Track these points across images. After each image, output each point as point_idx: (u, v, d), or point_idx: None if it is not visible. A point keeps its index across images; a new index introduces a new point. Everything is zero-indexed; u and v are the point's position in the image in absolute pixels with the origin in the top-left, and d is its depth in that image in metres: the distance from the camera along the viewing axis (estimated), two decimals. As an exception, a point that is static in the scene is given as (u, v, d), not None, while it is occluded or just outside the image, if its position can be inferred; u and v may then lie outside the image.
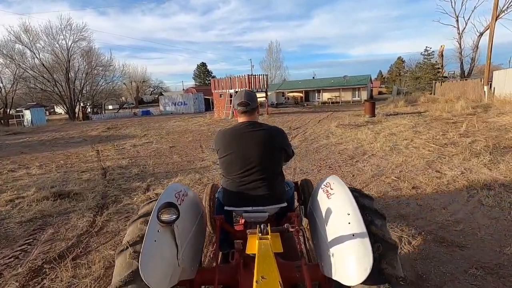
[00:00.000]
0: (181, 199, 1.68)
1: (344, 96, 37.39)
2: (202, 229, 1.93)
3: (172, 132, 12.83)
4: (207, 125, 14.90)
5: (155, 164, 7.04)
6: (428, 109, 15.41)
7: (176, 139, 10.77)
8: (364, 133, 9.35)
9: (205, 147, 8.75)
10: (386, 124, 11.20)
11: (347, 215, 1.44)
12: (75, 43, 29.57)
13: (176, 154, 8.07)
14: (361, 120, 13.00)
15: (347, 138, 8.65)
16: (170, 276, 1.35)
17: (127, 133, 13.57)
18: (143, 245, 1.31)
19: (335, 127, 11.14)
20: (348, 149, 7.29)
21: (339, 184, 1.69)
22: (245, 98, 1.92)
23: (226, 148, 1.89)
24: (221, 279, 1.65)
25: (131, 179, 5.82)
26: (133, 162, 7.31)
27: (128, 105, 58.04)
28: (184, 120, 18.82)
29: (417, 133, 8.76)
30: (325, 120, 14.21)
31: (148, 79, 67.45)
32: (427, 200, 3.89)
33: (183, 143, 9.68)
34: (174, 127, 14.91)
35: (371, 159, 6.20)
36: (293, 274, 1.63)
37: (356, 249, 1.31)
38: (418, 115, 13.32)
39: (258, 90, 18.65)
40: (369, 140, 8.14)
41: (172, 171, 6.31)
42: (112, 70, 34.14)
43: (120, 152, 8.86)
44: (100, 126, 18.34)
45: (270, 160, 1.88)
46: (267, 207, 1.88)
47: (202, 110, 30.98)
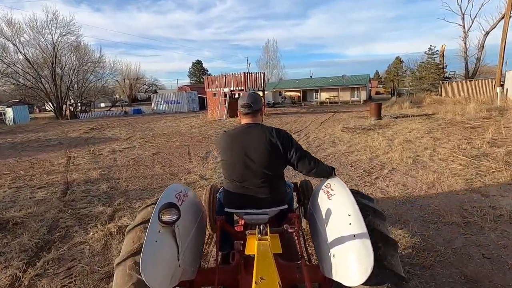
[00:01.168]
0: (182, 199, 1.66)
1: (343, 96, 36.45)
2: (202, 230, 1.91)
3: (159, 135, 11.60)
4: (198, 127, 13.68)
5: (131, 177, 5.85)
6: (436, 111, 14.39)
7: (162, 143, 9.56)
8: (374, 139, 8.25)
9: (193, 155, 7.57)
10: (397, 128, 10.12)
11: (348, 216, 1.42)
12: (62, 37, 28.05)
13: (159, 163, 6.88)
14: (367, 123, 11.92)
15: (357, 146, 7.53)
16: (171, 276, 1.34)
17: (110, 135, 12.31)
18: (144, 246, 1.28)
19: (340, 131, 10.02)
20: (362, 160, 6.16)
21: (340, 185, 1.68)
22: (248, 100, 1.89)
23: (228, 150, 1.88)
24: (221, 280, 1.65)
25: (95, 200, 4.62)
26: (105, 175, 6.10)
27: (121, 103, 56.54)
28: (175, 121, 17.57)
29: (437, 140, 7.68)
30: (328, 123, 13.10)
31: (142, 77, 65.80)
32: (495, 250, 2.77)
33: (169, 149, 8.48)
34: (162, 129, 13.68)
35: (393, 175, 5.08)
36: (293, 275, 1.62)
37: (357, 250, 1.29)
38: (427, 118, 12.28)
39: (255, 89, 17.47)
40: (383, 148, 7.03)
41: (149, 188, 5.13)
42: (101, 66, 32.59)
43: (95, 159, 7.63)
44: (84, 126, 17.02)
45: (272, 162, 1.83)
46: (268, 209, 1.85)
47: (196, 109, 29.75)
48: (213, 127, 13.16)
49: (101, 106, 54.96)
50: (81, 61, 30.46)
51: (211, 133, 11.20)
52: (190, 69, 73.79)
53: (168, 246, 1.39)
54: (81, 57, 30.30)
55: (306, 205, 2.15)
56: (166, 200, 1.48)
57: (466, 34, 22.18)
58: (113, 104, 46.48)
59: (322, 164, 1.90)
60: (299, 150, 1.87)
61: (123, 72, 60.41)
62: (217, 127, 13.06)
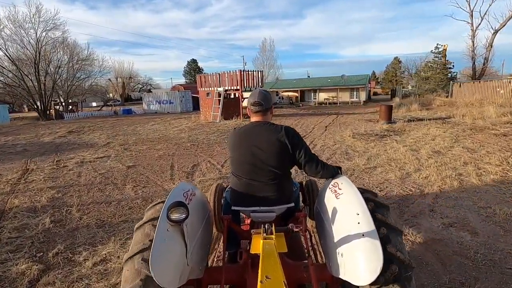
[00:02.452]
0: (189, 198, 1.65)
1: (342, 96, 35.29)
2: (209, 229, 1.90)
3: (142, 140, 10.15)
4: (189, 130, 12.24)
5: (90, 203, 4.42)
6: (451, 114, 13.16)
7: (143, 152, 8.11)
8: (395, 149, 6.92)
9: (177, 169, 6.15)
10: (415, 134, 8.81)
11: (356, 215, 1.40)
12: (47, 32, 26.33)
13: (132, 181, 5.45)
14: (379, 127, 10.60)
15: (378, 159, 6.17)
16: (180, 275, 1.33)
17: (87, 140, 10.81)
18: (153, 244, 1.27)
19: (351, 138, 8.68)
20: (391, 181, 4.81)
21: (348, 184, 1.66)
22: (258, 98, 1.88)
23: (236, 147, 1.88)
24: (228, 279, 1.65)
25: (24, 247, 3.20)
26: (57, 199, 4.67)
27: (113, 102, 54.77)
28: (164, 123, 16.09)
29: (472, 151, 6.38)
30: (333, 127, 11.75)
31: (136, 75, 64.04)
32: None
33: (149, 160, 7.05)
34: (148, 132, 12.21)
35: (442, 208, 3.73)
36: (301, 274, 1.61)
37: (366, 249, 1.28)
38: (444, 123, 11.02)
39: (252, 88, 16.07)
40: (412, 163, 5.69)
41: (108, 224, 3.72)
42: (90, 64, 30.83)
43: (55, 174, 6.17)
44: (64, 128, 15.45)
45: (279, 161, 1.81)
46: (275, 207, 1.83)
47: (190, 110, 28.28)
48: (205, 131, 11.73)
49: (92, 106, 53.23)
50: (68, 58, 28.81)
51: (202, 139, 9.77)
52: (185, 68, 72.21)
53: (177, 245, 1.37)
54: (67, 54, 28.63)
55: (311, 204, 2.15)
56: (174, 199, 1.45)
57: (475, 33, 21.10)
58: (105, 103, 44.86)
59: (328, 166, 1.87)
60: (308, 152, 1.84)
61: (115, 71, 58.68)
62: (209, 132, 11.64)
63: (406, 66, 56.38)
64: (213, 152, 7.60)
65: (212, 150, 7.94)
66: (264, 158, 1.78)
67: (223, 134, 10.67)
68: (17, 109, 45.93)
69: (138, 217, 3.87)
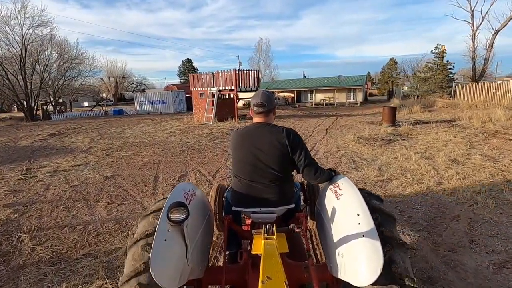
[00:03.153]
0: (190, 198, 1.64)
1: (339, 97, 34.83)
2: (210, 229, 1.90)
3: (128, 145, 9.31)
4: (179, 133, 11.42)
5: (50, 228, 3.62)
6: (456, 117, 12.56)
7: (127, 159, 7.30)
8: (406, 156, 6.23)
9: (162, 181, 5.37)
10: (424, 139, 8.14)
11: (357, 215, 1.39)
12: (33, 29, 25.22)
13: (107, 196, 4.65)
14: (383, 131, 9.93)
15: (389, 169, 5.46)
16: (179, 275, 1.33)
17: (68, 144, 9.93)
18: (153, 244, 1.27)
19: (355, 143, 7.98)
20: (410, 198, 4.09)
21: (348, 184, 1.65)
22: (261, 99, 1.87)
23: (238, 148, 1.87)
24: (228, 279, 1.65)
25: None
26: (10, 223, 3.85)
27: (106, 102, 53.54)
28: (155, 124, 15.24)
29: (493, 160, 5.71)
30: (334, 130, 11.05)
31: (129, 75, 62.89)
32: None
33: (131, 169, 6.24)
34: (136, 135, 11.36)
35: (483, 237, 3.01)
36: (301, 274, 1.60)
37: (366, 250, 1.27)
38: (451, 126, 10.41)
39: (247, 88, 15.32)
40: (429, 174, 5.00)
41: (64, 260, 2.92)
42: (79, 63, 29.70)
43: (19, 187, 5.33)
44: (47, 130, 14.50)
45: (280, 162, 1.79)
46: (276, 208, 1.82)
47: (184, 110, 27.42)
48: (197, 135, 10.93)
49: (84, 106, 52.00)
50: (57, 57, 27.73)
51: (193, 144, 8.98)
52: (180, 68, 71.20)
53: (177, 245, 1.37)
54: (56, 52, 27.55)
55: (312, 205, 2.13)
56: (174, 199, 1.45)
57: (475, 32, 20.62)
58: (97, 103, 43.75)
59: (324, 172, 1.85)
60: (307, 157, 1.81)
61: (108, 70, 57.51)
62: (202, 135, 10.84)
63: (402, 67, 56.26)
64: (204, 160, 6.82)
65: (203, 156, 7.16)
66: (265, 160, 1.78)
67: (216, 138, 9.88)
68: (5, 109, 44.54)
69: (105, 249, 3.09)
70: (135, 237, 1.46)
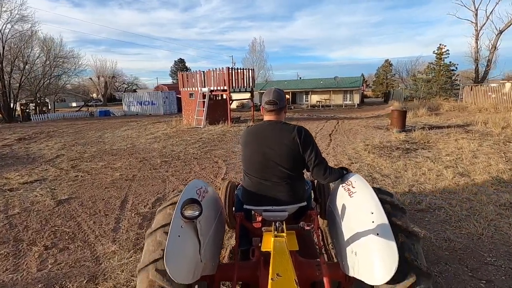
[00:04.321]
0: (202, 195, 1.65)
1: (335, 99, 33.93)
2: (221, 226, 1.89)
3: (103, 153, 7.99)
4: (165, 139, 10.12)
5: None
6: (468, 121, 11.57)
7: (95, 173, 5.99)
8: (435, 171, 5.11)
9: (131, 207, 4.09)
10: (446, 148, 7.04)
11: (371, 213, 1.37)
12: (12, 24, 23.52)
13: (49, 235, 3.37)
14: (394, 137, 8.82)
15: (423, 190, 4.30)
16: (193, 271, 1.33)
17: (33, 152, 8.54)
18: (168, 240, 1.27)
19: (368, 153, 6.83)
20: (487, 260, 2.92)
21: (361, 182, 1.63)
22: (273, 97, 1.85)
23: (248, 146, 1.85)
24: (240, 276, 1.64)
25: None
26: None
27: (95, 102, 51.67)
28: (140, 127, 13.88)
29: (548, 178, 4.60)
30: (338, 135, 9.90)
31: (120, 75, 61.10)
32: None
33: (96, 188, 4.95)
34: (115, 141, 10.02)
35: None
36: (313, 272, 1.58)
37: (381, 248, 1.25)
38: (466, 131, 9.39)
39: (241, 89, 14.10)
40: (482, 202, 3.84)
41: None
42: (63, 61, 27.98)
43: None
44: (18, 133, 13.01)
45: (291, 161, 1.78)
46: (287, 206, 1.81)
47: (175, 111, 26.09)
48: (184, 141, 9.64)
49: (72, 106, 50.09)
50: (40, 54, 26.08)
51: (178, 153, 7.71)
52: (172, 68, 69.63)
53: (191, 241, 1.37)
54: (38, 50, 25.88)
55: (322, 203, 2.13)
56: (188, 196, 1.42)
57: (479, 32, 19.80)
58: (85, 103, 42.00)
59: (335, 171, 1.83)
60: (318, 156, 1.79)
61: (97, 69, 55.72)
62: (189, 141, 9.56)
63: (397, 69, 55.92)
64: (189, 175, 5.57)
65: (189, 170, 5.90)
66: (276, 158, 1.76)
67: (206, 145, 8.63)
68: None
69: None
70: (152, 226, 1.47)
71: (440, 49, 20.53)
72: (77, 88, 58.55)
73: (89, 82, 58.66)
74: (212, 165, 6.30)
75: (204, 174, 5.58)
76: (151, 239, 1.41)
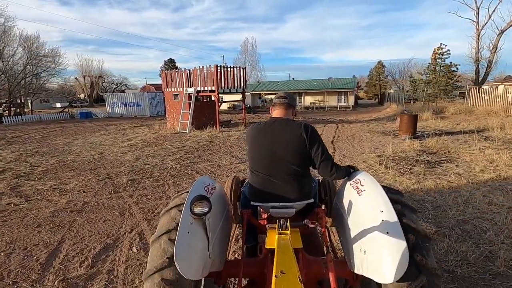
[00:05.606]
0: (210, 192, 1.66)
1: (329, 100, 32.99)
2: (228, 222, 1.89)
3: (60, 168, 6.54)
4: (142, 147, 8.70)
5: None
6: (480, 126, 10.53)
7: (36, 199, 4.57)
8: (481, 195, 3.89)
9: (59, 265, 2.72)
10: (477, 161, 5.88)
11: (380, 212, 1.35)
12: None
13: None
14: (408, 146, 7.64)
15: (481, 229, 3.06)
16: (202, 267, 1.34)
17: (-23, 164, 7.01)
18: (177, 237, 1.28)
19: (382, 167, 5.60)
20: None
21: (370, 180, 1.61)
22: (284, 93, 1.94)
23: (254, 143, 1.84)
24: (247, 272, 1.65)
25: None
26: None
27: (81, 103, 49.59)
28: (118, 132, 12.39)
29: None
30: (342, 143, 8.67)
31: (109, 75, 59.03)
32: None
33: (22, 228, 3.55)
34: (83, 150, 8.55)
35: None
36: (320, 269, 1.57)
37: (391, 247, 1.24)
38: (483, 138, 8.31)
39: (232, 89, 12.76)
40: None
41: None
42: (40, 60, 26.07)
43: None
44: (-24, 139, 11.34)
45: (298, 157, 1.77)
46: (295, 203, 1.80)
47: (161, 113, 24.53)
48: (163, 150, 8.25)
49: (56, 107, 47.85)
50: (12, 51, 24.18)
51: (152, 167, 6.33)
52: (162, 67, 67.74)
53: (200, 238, 1.37)
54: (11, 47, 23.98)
55: (328, 201, 2.14)
56: (196, 193, 1.44)
57: (480, 32, 18.98)
58: (70, 104, 39.97)
59: (342, 167, 1.83)
60: (324, 152, 1.78)
61: (82, 69, 53.60)
62: (170, 150, 8.17)
63: (390, 71, 55.58)
64: (158, 202, 4.21)
65: (160, 195, 4.54)
66: (283, 154, 1.76)
67: (189, 156, 7.27)
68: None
69: None
70: (157, 232, 1.45)
71: (440, 48, 19.65)
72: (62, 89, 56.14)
73: (75, 82, 56.52)
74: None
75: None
76: (156, 246, 1.39)
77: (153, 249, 1.39)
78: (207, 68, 11.97)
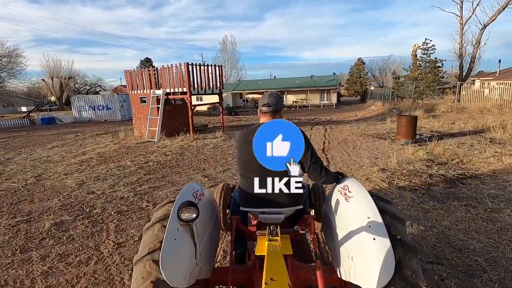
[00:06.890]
0: (199, 198, 1.63)
1: (312, 98, 32.14)
2: (217, 229, 1.89)
3: (-27, 200, 4.89)
4: (95, 165, 7.11)
5: None
6: (478, 126, 9.72)
7: None
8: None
9: None
10: (500, 173, 4.84)
11: (367, 218, 1.35)
12: None
13: None
14: (411, 153, 6.55)
15: None
16: (189, 274, 1.31)
17: None
18: (163, 244, 1.25)
19: (393, 188, 4.43)
20: None
21: (358, 187, 1.61)
22: (268, 100, 1.86)
23: (243, 148, 1.81)
24: (235, 279, 1.62)
25: None
26: None
27: (50, 106, 46.15)
28: (75, 142, 10.62)
29: None
30: (336, 152, 7.48)
31: (78, 75, 55.42)
32: None
33: None
34: (18, 171, 6.85)
35: None
36: (309, 276, 1.58)
37: (377, 253, 1.24)
38: (489, 140, 7.42)
39: (207, 91, 11.28)
40: None
41: None
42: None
43: None
44: None
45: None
46: (284, 209, 1.78)
47: (134, 117, 22.52)
48: (120, 167, 6.70)
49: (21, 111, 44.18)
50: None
51: (96, 197, 4.83)
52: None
53: (187, 245, 1.35)
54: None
55: (317, 207, 2.10)
56: (184, 199, 1.43)
57: (463, 26, 18.57)
58: (37, 107, 36.81)
59: (330, 172, 1.83)
60: (314, 156, 1.79)
61: (50, 70, 49.93)
62: (129, 168, 6.66)
63: (370, 68, 55.81)
64: (81, 271, 2.77)
65: (92, 251, 3.09)
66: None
67: (150, 177, 5.79)
68: None
69: None
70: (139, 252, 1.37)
71: (425, 44, 19.10)
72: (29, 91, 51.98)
73: (42, 84, 52.73)
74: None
75: (121, 268, 2.81)
76: (149, 233, 1.38)
77: (137, 271, 1.31)
78: (176, 67, 10.44)
